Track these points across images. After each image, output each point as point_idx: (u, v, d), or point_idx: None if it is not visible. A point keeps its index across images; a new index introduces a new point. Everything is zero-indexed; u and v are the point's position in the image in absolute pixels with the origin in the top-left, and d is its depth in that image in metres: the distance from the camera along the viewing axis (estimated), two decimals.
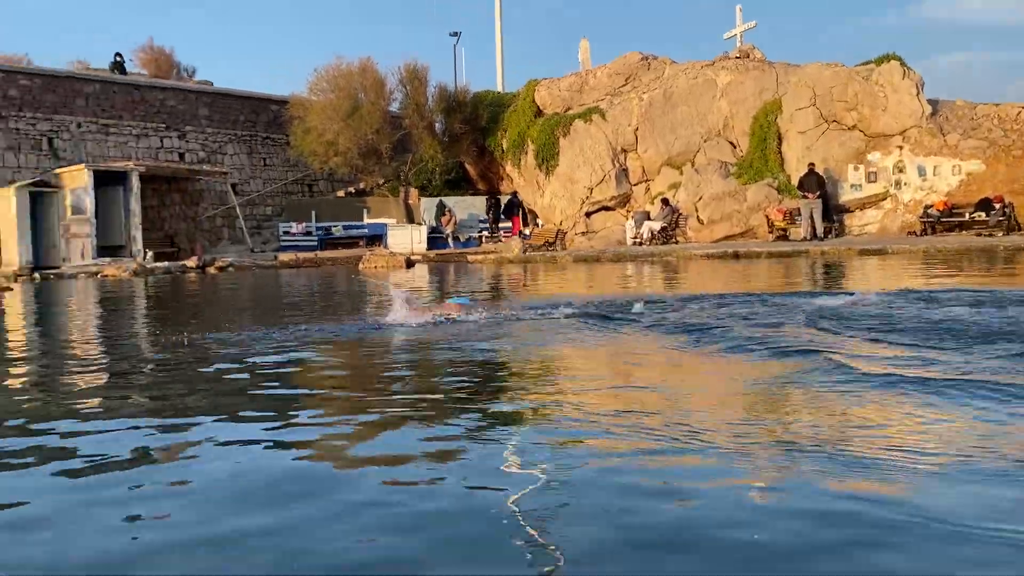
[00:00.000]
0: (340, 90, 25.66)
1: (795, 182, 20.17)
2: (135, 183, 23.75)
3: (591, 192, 23.43)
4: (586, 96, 24.46)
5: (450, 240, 25.54)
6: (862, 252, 16.19)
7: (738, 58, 22.86)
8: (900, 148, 19.76)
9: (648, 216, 21.92)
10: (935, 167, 19.43)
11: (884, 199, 20.05)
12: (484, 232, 25.64)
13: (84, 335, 6.53)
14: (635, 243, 21.51)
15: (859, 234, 19.98)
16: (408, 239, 25.09)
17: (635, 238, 21.66)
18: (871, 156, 20.05)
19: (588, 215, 23.66)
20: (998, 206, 18.10)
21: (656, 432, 2.39)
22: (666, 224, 21.34)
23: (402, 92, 26.47)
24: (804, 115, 20.74)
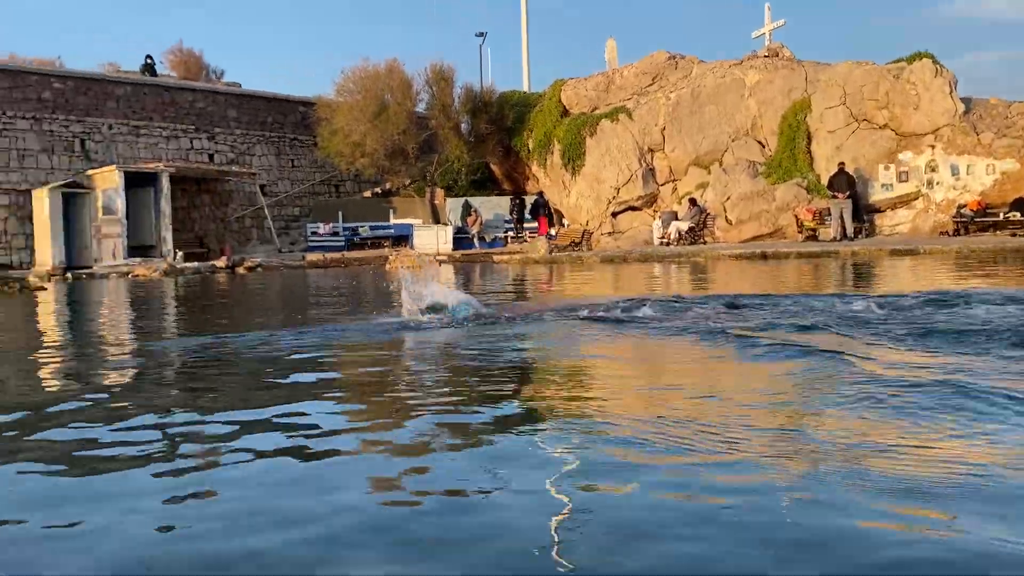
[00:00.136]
0: (367, 91, 25.80)
1: (824, 182, 19.96)
2: (165, 184, 24.02)
3: (618, 192, 23.35)
4: (612, 96, 24.38)
5: (476, 240, 25.58)
6: (893, 252, 15.97)
7: (767, 57, 22.67)
8: (932, 147, 19.48)
9: (676, 216, 21.80)
10: (968, 166, 19.13)
11: (916, 199, 19.78)
12: (509, 232, 25.64)
13: (129, 330, 6.61)
14: (662, 243, 21.40)
15: (890, 234, 19.72)
16: (434, 239, 25.17)
17: (662, 238, 21.55)
18: (902, 155, 19.78)
19: (614, 215, 23.58)
20: None
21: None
22: (694, 224, 21.21)
23: (428, 93, 26.59)
24: (834, 114, 20.51)
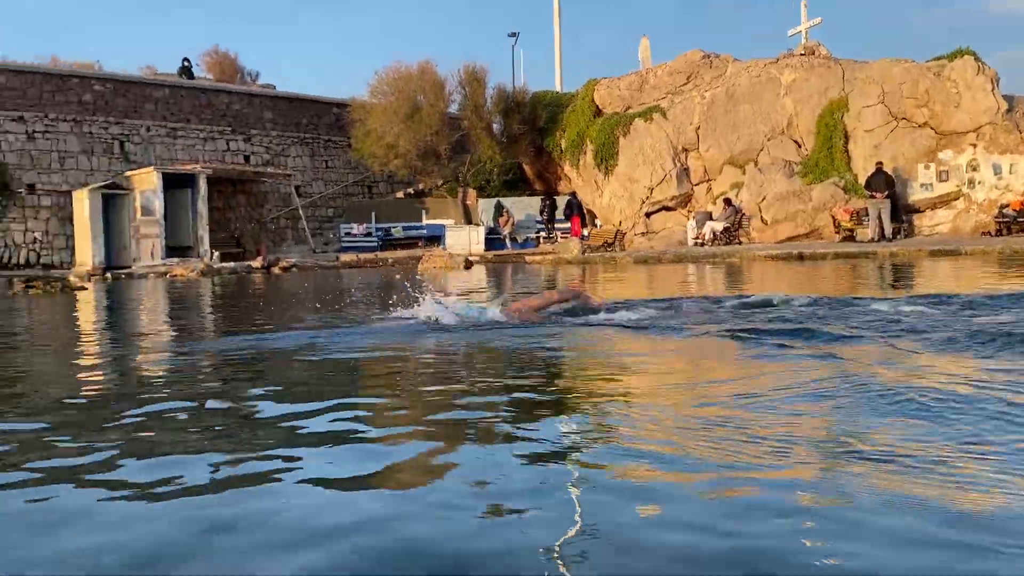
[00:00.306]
0: (400, 92, 25.95)
1: (862, 181, 19.67)
2: (203, 185, 24.34)
3: (651, 192, 23.21)
4: (646, 95, 24.25)
5: (507, 241, 25.59)
6: (933, 253, 15.68)
7: (803, 55, 22.39)
8: (974, 146, 19.12)
9: (710, 216, 21.63)
10: (1011, 165, 18.75)
11: (956, 199, 19.42)
12: (541, 233, 25.61)
13: (184, 328, 6.70)
14: (696, 244, 21.23)
15: (929, 235, 19.38)
16: (466, 240, 25.23)
17: (697, 239, 21.38)
18: (943, 154, 19.44)
19: (648, 215, 23.45)
20: None
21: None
22: (729, 224, 21.02)
23: (461, 93, 26.67)
24: (872, 113, 20.21)
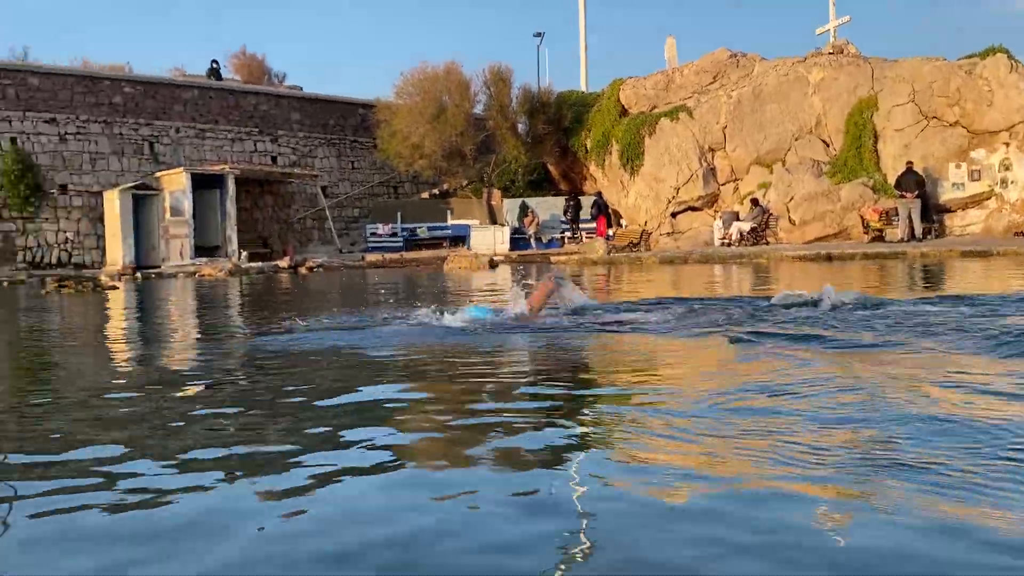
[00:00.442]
0: (425, 93, 26.04)
1: (892, 181, 19.46)
2: (231, 186, 24.56)
3: (677, 192, 23.10)
4: (672, 94, 24.14)
5: (532, 241, 25.59)
6: (965, 254, 15.46)
7: (831, 54, 22.18)
8: (1007, 145, 18.83)
9: (737, 216, 21.49)
10: None
11: (988, 198, 19.15)
12: (566, 233, 25.58)
13: (218, 325, 6.77)
14: (723, 244, 21.10)
15: (960, 235, 19.13)
16: (491, 240, 25.26)
17: (723, 239, 21.24)
18: (975, 153, 19.17)
19: (674, 215, 23.34)
20: None
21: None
22: (756, 225, 20.86)
23: (486, 94, 26.72)
24: (902, 111, 19.98)
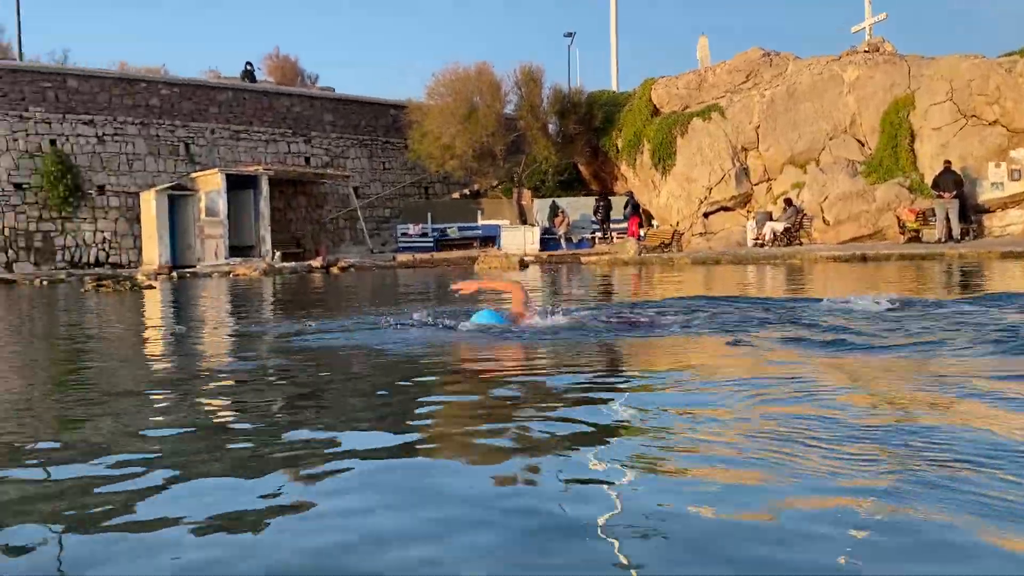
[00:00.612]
0: (456, 94, 26.10)
1: (928, 181, 19.15)
2: (265, 186, 24.81)
3: (709, 192, 22.94)
4: (705, 94, 23.97)
5: (563, 241, 25.54)
6: (1005, 255, 15.16)
7: (866, 52, 21.88)
8: None
9: (770, 217, 21.28)
10: None
11: None
12: (596, 233, 25.50)
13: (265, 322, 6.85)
14: (756, 244, 20.91)
15: (1000, 236, 18.76)
16: (521, 240, 25.26)
17: (756, 239, 21.05)
18: (1015, 152, 18.80)
19: (706, 216, 23.17)
20: None
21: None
22: (789, 225, 20.65)
23: (517, 94, 26.72)
24: (940, 110, 19.65)
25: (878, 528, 1.58)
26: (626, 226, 24.61)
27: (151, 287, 15.06)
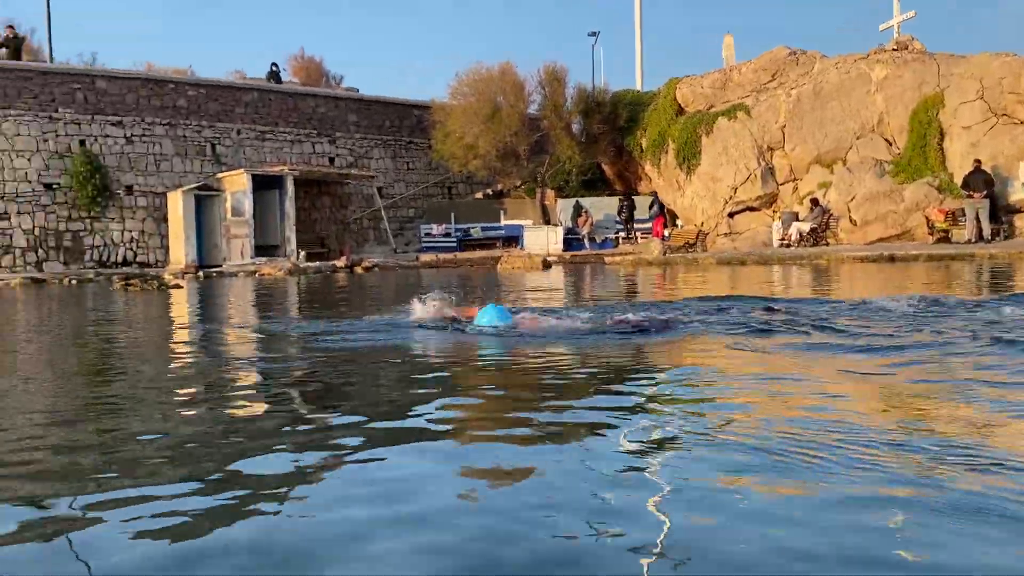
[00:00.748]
0: (480, 94, 26.13)
1: (958, 181, 18.89)
2: (290, 187, 24.96)
3: (735, 192, 22.79)
4: (730, 93, 23.82)
5: (586, 241, 25.49)
6: None
7: (895, 50, 21.63)
8: None
9: (796, 217, 21.10)
10: None
11: None
12: (620, 233, 25.42)
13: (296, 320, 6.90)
14: (782, 245, 20.74)
15: None
16: (544, 240, 25.24)
17: (782, 240, 20.89)
18: None
19: (731, 216, 23.02)
20: None
21: None
22: (816, 225, 20.46)
23: (540, 94, 26.71)
24: (970, 109, 19.38)
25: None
26: (650, 226, 24.51)
27: (178, 286, 15.20)
